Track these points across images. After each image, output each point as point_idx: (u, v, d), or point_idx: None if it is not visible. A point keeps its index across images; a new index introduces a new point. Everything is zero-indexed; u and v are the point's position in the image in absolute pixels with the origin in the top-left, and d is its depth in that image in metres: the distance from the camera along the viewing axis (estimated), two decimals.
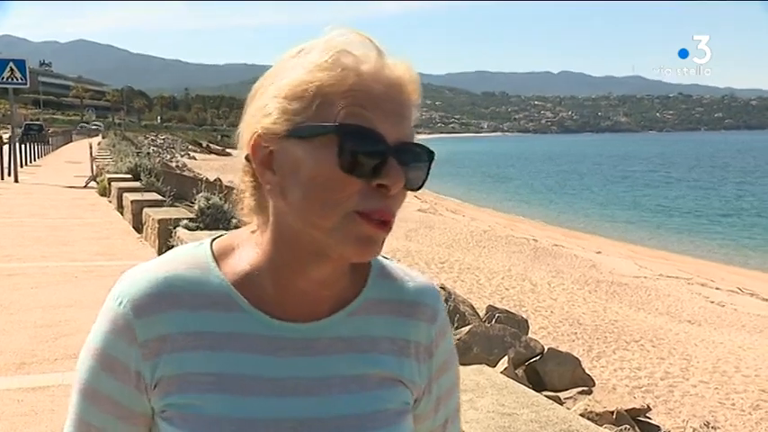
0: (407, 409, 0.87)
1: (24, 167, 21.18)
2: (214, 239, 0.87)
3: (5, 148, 19.67)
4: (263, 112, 0.79)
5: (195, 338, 0.79)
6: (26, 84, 19.28)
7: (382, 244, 0.79)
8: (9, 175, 18.67)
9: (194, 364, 0.79)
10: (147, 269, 0.82)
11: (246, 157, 0.81)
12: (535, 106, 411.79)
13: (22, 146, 25.72)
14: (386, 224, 0.77)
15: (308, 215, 0.76)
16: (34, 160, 25.56)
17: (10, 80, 18.86)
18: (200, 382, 0.78)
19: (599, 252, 20.06)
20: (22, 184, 17.70)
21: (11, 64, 18.95)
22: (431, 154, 0.81)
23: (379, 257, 0.88)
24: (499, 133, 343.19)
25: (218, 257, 0.84)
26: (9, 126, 25.62)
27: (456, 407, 0.98)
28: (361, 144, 0.75)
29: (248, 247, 0.83)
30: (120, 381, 0.81)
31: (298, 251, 0.79)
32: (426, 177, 0.82)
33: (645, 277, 16.44)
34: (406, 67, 0.81)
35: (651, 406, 6.71)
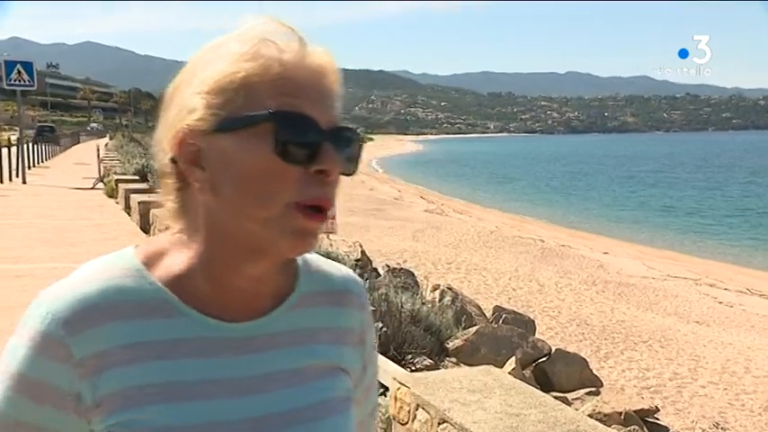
0: (350, 396, 0.88)
1: (32, 169, 21.27)
2: (135, 247, 0.83)
3: (14, 149, 19.76)
4: (186, 109, 0.76)
5: (136, 350, 0.76)
6: (34, 86, 19.39)
7: (318, 236, 0.78)
8: (17, 176, 18.76)
9: (138, 377, 0.75)
10: (72, 284, 0.77)
11: (172, 159, 0.78)
12: (541, 107, 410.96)
13: (34, 147, 25.88)
14: (323, 215, 0.76)
15: (243, 209, 0.74)
16: (42, 162, 25.68)
17: (18, 82, 18.96)
18: (145, 394, 0.75)
19: (606, 252, 19.99)
20: (30, 185, 17.78)
21: (18, 66, 19.05)
22: (360, 138, 0.81)
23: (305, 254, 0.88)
24: (506, 134, 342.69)
25: (147, 264, 0.80)
26: (17, 128, 25.73)
27: (377, 396, 1.00)
28: (297, 130, 0.74)
29: (178, 250, 0.80)
30: (51, 408, 0.75)
31: (233, 249, 0.77)
32: (359, 161, 0.81)
33: (653, 278, 16.38)
34: (328, 55, 0.80)
35: (660, 407, 6.68)
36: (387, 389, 3.83)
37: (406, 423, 3.31)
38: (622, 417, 5.27)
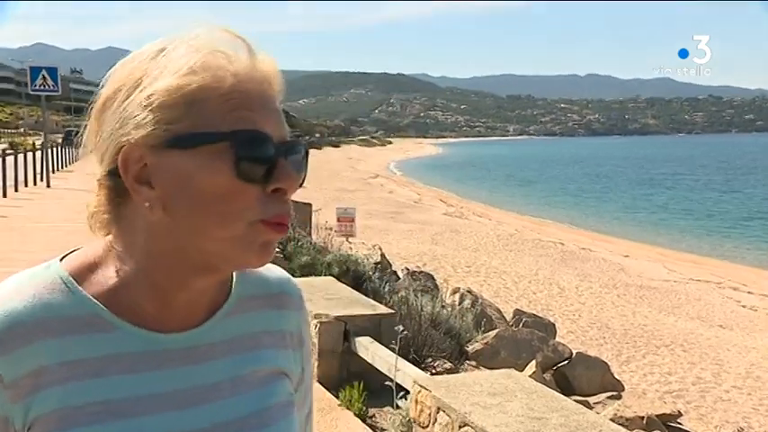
0: (292, 400, 0.86)
1: (56, 173, 21.57)
2: (62, 259, 0.78)
3: (38, 153, 20.06)
4: (132, 123, 0.72)
5: (72, 368, 0.72)
6: (58, 91, 19.64)
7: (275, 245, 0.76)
8: (41, 180, 19.03)
9: (76, 396, 0.71)
10: None
11: (110, 172, 0.74)
12: (562, 109, 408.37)
13: (61, 150, 26.25)
14: (286, 226, 0.74)
15: (203, 229, 0.71)
16: (66, 166, 26.03)
17: (43, 87, 19.22)
18: (84, 414, 0.71)
19: (627, 255, 19.82)
20: (54, 189, 18.03)
21: (44, 72, 19.31)
22: (306, 148, 0.78)
23: None
24: (525, 136, 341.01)
25: (76, 277, 0.76)
26: (42, 132, 26.11)
27: (312, 397, 0.98)
28: (255, 149, 0.71)
29: (110, 263, 0.76)
30: None
31: (182, 265, 0.74)
32: (306, 171, 0.78)
33: (674, 281, 16.21)
34: (273, 61, 0.77)
35: (682, 411, 6.62)
36: (407, 392, 3.84)
37: (427, 426, 3.32)
38: (644, 421, 5.24)
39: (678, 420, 6.04)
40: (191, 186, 0.71)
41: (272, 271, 0.90)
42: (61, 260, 0.78)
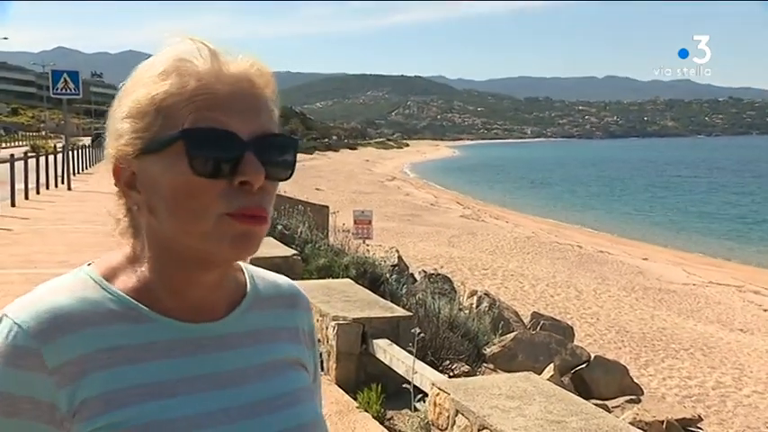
0: (312, 388, 0.93)
1: (77, 175, 21.80)
2: (89, 264, 0.85)
3: (59, 156, 20.28)
4: (114, 135, 0.80)
5: (113, 354, 0.77)
6: (79, 94, 19.92)
7: (260, 239, 0.79)
8: (63, 182, 19.25)
9: (119, 380, 0.76)
10: (36, 298, 0.78)
11: (115, 183, 0.82)
12: (579, 111, 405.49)
13: (84, 153, 26.61)
14: (259, 219, 0.77)
15: (179, 226, 0.77)
16: (87, 168, 26.31)
17: (64, 91, 19.48)
18: (128, 395, 0.76)
19: (646, 258, 19.67)
20: (75, 191, 18.22)
21: (65, 75, 19.59)
22: (294, 141, 0.82)
23: (244, 264, 0.92)
24: (543, 139, 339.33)
25: (106, 278, 0.82)
26: (63, 135, 26.41)
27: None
28: (210, 145, 0.75)
29: (132, 267, 0.83)
30: (23, 420, 0.74)
31: (181, 262, 0.80)
32: (294, 167, 0.81)
33: (694, 284, 16.06)
34: (251, 62, 0.80)
35: (702, 416, 6.56)
36: (425, 394, 3.85)
37: (446, 429, 3.32)
38: (664, 426, 5.20)
39: (698, 425, 5.98)
40: (161, 187, 0.77)
41: (281, 277, 0.98)
42: (89, 265, 0.84)
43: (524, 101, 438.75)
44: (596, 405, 3.79)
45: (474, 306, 8.49)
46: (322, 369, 5.02)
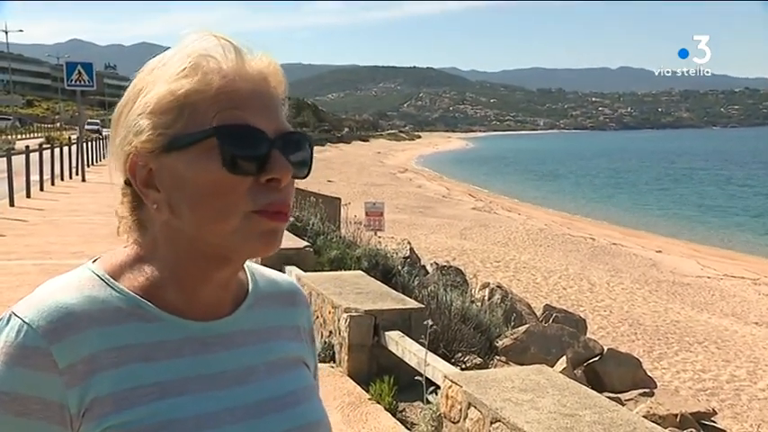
0: (315, 385, 0.93)
1: (90, 167, 21.93)
2: (94, 261, 0.83)
3: (73, 148, 20.41)
4: (133, 132, 0.78)
5: (123, 353, 0.76)
6: (93, 86, 20.01)
7: (282, 235, 0.80)
8: (77, 174, 19.38)
9: (129, 379, 0.76)
10: (43, 296, 0.77)
11: (126, 180, 0.81)
12: (593, 103, 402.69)
13: (98, 144, 26.81)
14: (283, 215, 0.78)
15: (203, 224, 0.76)
16: (101, 160, 26.48)
17: (78, 83, 19.59)
18: (138, 395, 0.76)
19: (659, 251, 19.55)
20: (89, 182, 18.34)
21: (79, 67, 19.69)
22: (310, 139, 0.82)
23: (247, 263, 0.91)
24: (555, 130, 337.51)
25: (112, 276, 0.81)
26: (77, 127, 26.57)
27: None
28: (243, 142, 0.75)
29: (139, 264, 0.82)
30: (34, 420, 0.73)
31: (198, 261, 0.80)
32: (311, 164, 0.82)
33: (708, 277, 15.95)
34: (268, 60, 0.81)
35: (716, 410, 6.52)
36: (437, 386, 3.84)
37: (458, 421, 3.32)
38: (678, 419, 5.17)
39: (712, 419, 5.95)
40: (187, 185, 0.76)
41: (280, 275, 0.98)
42: (94, 262, 0.83)
43: (537, 92, 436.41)
44: (609, 398, 3.78)
45: (486, 298, 8.47)
46: (334, 361, 5.04)
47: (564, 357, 6.18)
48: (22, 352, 0.73)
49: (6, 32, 67.06)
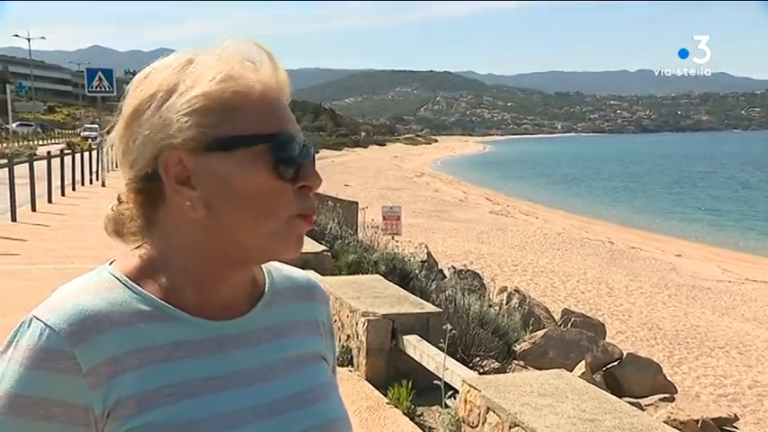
0: (334, 381, 0.94)
1: (111, 172, 22.15)
2: (110, 263, 0.84)
3: (94, 153, 20.64)
4: (173, 128, 0.77)
5: (143, 354, 0.77)
6: (114, 92, 20.20)
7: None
8: (97, 179, 19.58)
9: (150, 380, 0.76)
10: (63, 299, 0.77)
11: (145, 176, 0.80)
12: (611, 106, 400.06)
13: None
14: (312, 219, 0.82)
15: (243, 225, 0.78)
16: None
17: (99, 89, 19.81)
18: (160, 395, 0.76)
19: (679, 255, 19.35)
20: (109, 187, 18.52)
21: (99, 73, 19.91)
22: (317, 147, 0.85)
23: None
24: (573, 134, 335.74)
25: (130, 277, 0.81)
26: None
27: None
28: (289, 151, 0.78)
29: (155, 265, 0.82)
30: (58, 424, 0.73)
31: (221, 260, 0.81)
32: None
33: (729, 281, 15.76)
34: (284, 70, 0.84)
35: (739, 415, 6.44)
36: (455, 391, 3.84)
37: (477, 426, 3.31)
38: (699, 425, 5.11)
39: (734, 425, 5.87)
40: (231, 186, 0.77)
41: (297, 270, 0.98)
42: (111, 264, 0.84)
43: (554, 96, 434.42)
44: (629, 403, 3.75)
45: (504, 302, 8.44)
46: (352, 365, 5.05)
47: (583, 362, 6.14)
48: (46, 355, 0.73)
49: (29, 40, 67.92)
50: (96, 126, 44.12)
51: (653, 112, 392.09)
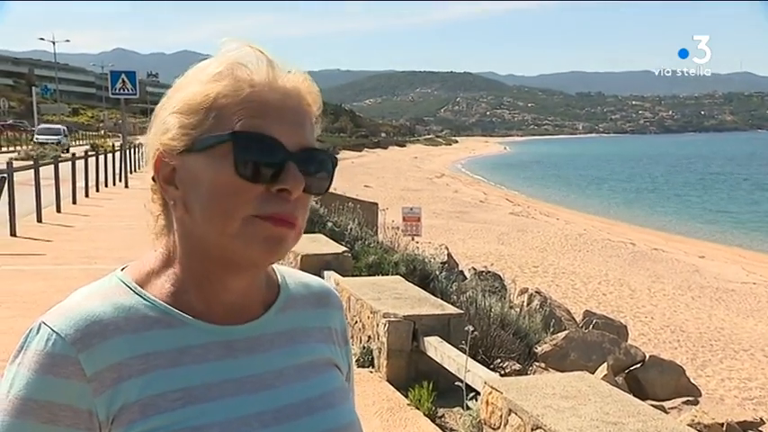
0: (347, 388, 0.93)
1: (133, 173, 22.39)
2: (123, 269, 0.85)
3: (117, 155, 20.87)
4: (162, 129, 0.80)
5: (148, 360, 0.78)
6: (136, 94, 20.45)
7: (289, 246, 0.80)
8: (120, 180, 19.79)
9: (156, 385, 0.77)
10: (71, 306, 0.79)
11: (153, 177, 0.82)
12: (633, 106, 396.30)
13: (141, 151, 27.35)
14: (289, 224, 0.78)
15: (211, 224, 0.78)
16: (143, 167, 27.03)
17: (122, 91, 20.05)
18: (166, 401, 0.77)
19: (702, 256, 19.12)
20: (132, 189, 18.71)
21: (123, 76, 20.15)
22: (334, 160, 0.83)
23: (278, 267, 0.92)
24: (595, 134, 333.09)
25: (139, 283, 0.82)
26: (120, 134, 27.13)
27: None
28: (258, 150, 0.77)
29: (164, 269, 0.83)
30: (62, 428, 0.75)
31: (209, 264, 0.81)
32: (330, 183, 0.83)
33: (754, 283, 15.54)
34: (303, 78, 0.83)
35: (764, 419, 6.34)
36: (477, 392, 3.83)
37: (498, 428, 3.30)
38: (724, 428, 5.05)
39: (760, 428, 5.79)
40: (201, 185, 0.78)
41: (313, 278, 0.98)
42: (123, 270, 0.85)
43: (576, 96, 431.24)
44: (652, 406, 3.71)
45: (525, 304, 8.40)
46: (373, 366, 5.05)
47: (605, 364, 6.09)
48: (51, 360, 0.75)
49: (54, 43, 68.89)
50: (59, 128, 38.48)
51: (675, 113, 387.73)
